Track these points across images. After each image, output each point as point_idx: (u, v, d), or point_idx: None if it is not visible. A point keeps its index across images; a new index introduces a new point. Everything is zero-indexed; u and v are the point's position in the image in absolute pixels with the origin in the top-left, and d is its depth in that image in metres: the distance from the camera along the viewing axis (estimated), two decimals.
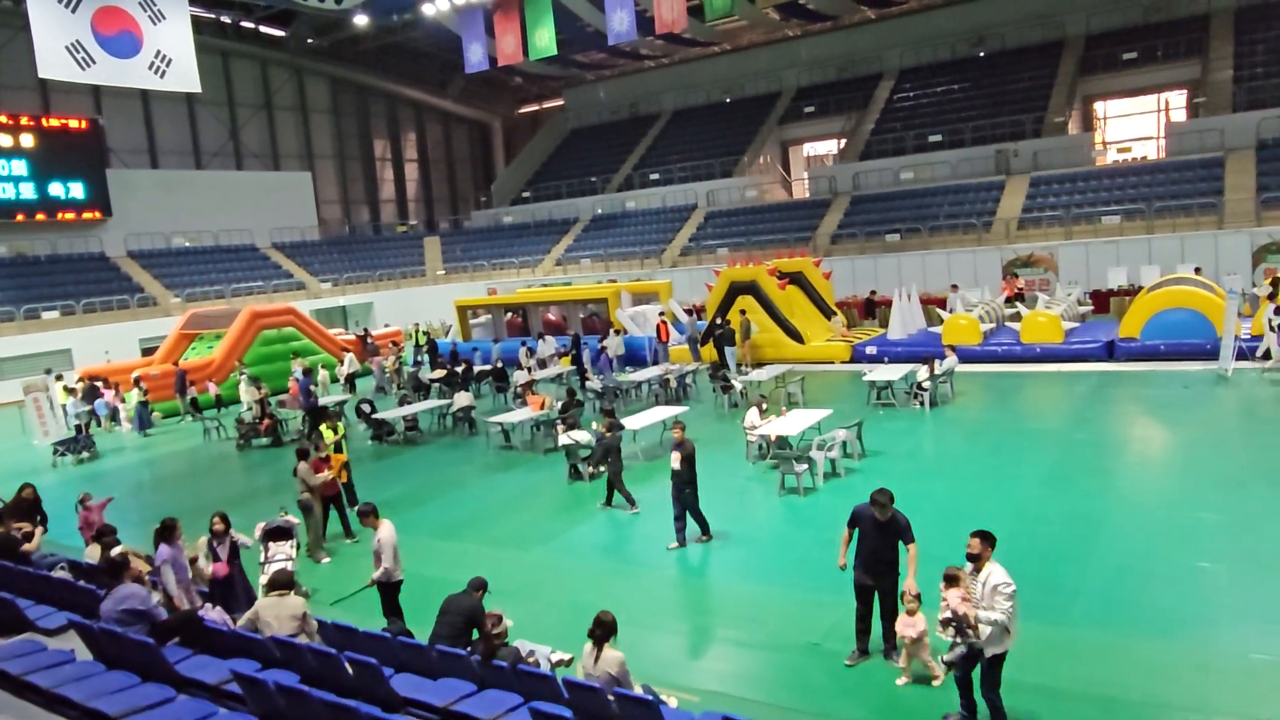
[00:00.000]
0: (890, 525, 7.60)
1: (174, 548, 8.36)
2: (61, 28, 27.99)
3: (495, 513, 13.04)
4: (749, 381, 19.22)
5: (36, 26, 27.49)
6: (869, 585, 7.71)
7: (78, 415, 20.99)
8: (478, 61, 41.79)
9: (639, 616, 8.80)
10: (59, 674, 6.09)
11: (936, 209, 34.55)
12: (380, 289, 42.68)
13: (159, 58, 30.48)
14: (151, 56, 30.30)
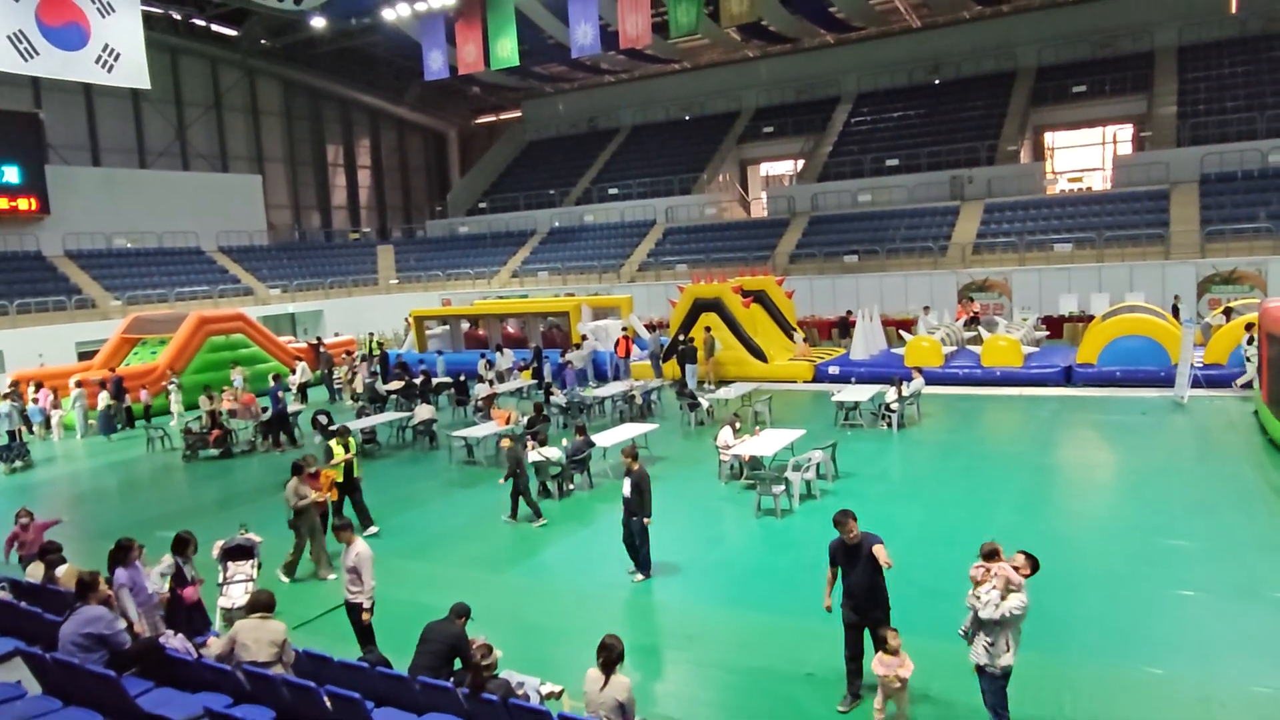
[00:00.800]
0: (861, 547, 7.23)
1: (131, 569, 7.81)
2: (5, 17, 26.83)
3: (463, 531, 12.61)
4: (715, 399, 19.05)
5: None
6: (857, 621, 7.35)
7: (9, 420, 19.88)
8: (438, 69, 41.29)
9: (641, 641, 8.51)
10: (9, 711, 5.56)
11: (894, 232, 34.99)
12: (331, 296, 41.68)
13: (107, 51, 29.44)
14: (99, 50, 29.23)
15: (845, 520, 7.27)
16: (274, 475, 16.99)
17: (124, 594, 7.56)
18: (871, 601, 7.26)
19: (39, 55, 27.68)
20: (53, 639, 7.61)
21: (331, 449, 12.52)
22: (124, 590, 7.58)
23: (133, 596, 7.66)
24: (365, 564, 8.51)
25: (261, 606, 6.82)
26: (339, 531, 8.85)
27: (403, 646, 8.05)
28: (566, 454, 13.81)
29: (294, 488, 11.04)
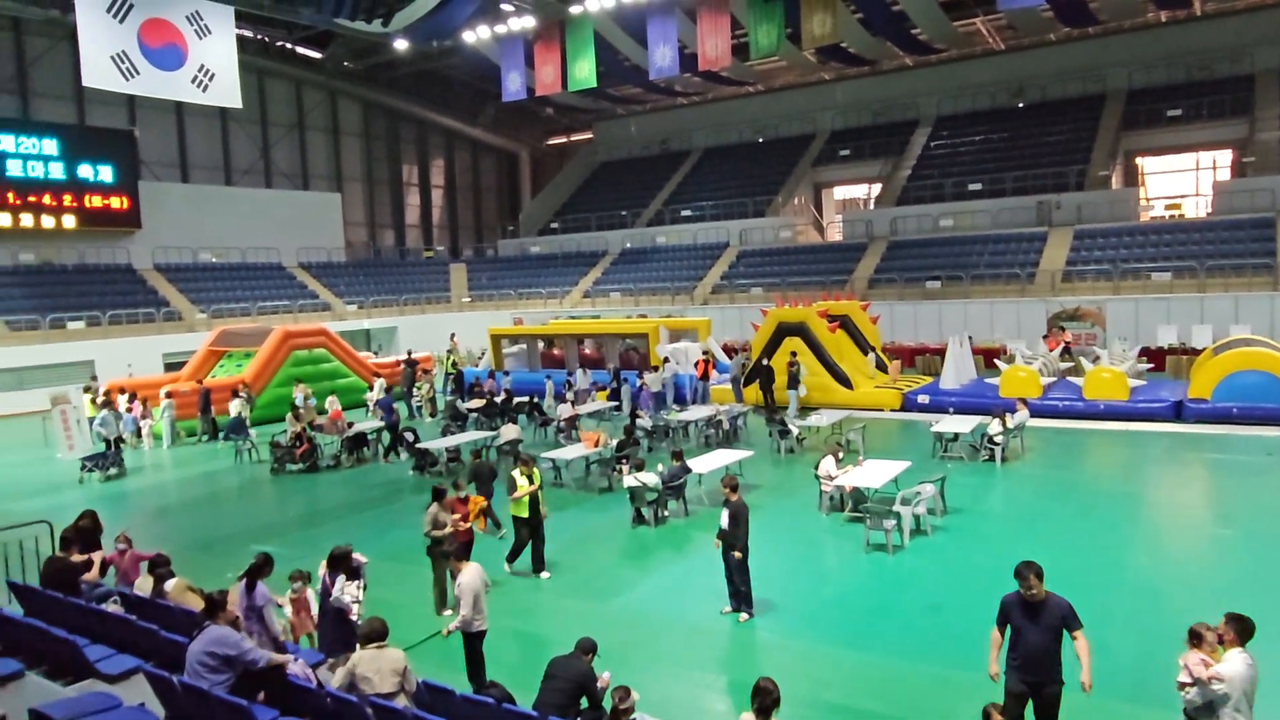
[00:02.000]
0: (1047, 609, 6.31)
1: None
2: (108, 38, 27.79)
3: (561, 558, 12.24)
4: (806, 427, 18.49)
5: (84, 35, 27.28)
6: (1025, 691, 6.34)
7: (105, 427, 20.20)
8: (515, 90, 41.71)
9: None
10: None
11: (977, 257, 34.03)
12: (405, 313, 42.16)
13: (202, 72, 30.30)
14: (195, 70, 30.11)
15: (1027, 574, 6.31)
16: (360, 491, 16.98)
17: (270, 611, 7.53)
18: (1048, 671, 6.32)
19: (139, 75, 28.59)
20: (169, 655, 7.46)
21: (514, 479, 11.27)
22: (270, 607, 7.66)
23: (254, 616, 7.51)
24: (467, 593, 8.23)
25: (377, 636, 6.53)
26: (447, 559, 8.58)
27: (511, 677, 7.73)
28: (662, 479, 13.40)
29: (433, 514, 10.26)
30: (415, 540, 13.34)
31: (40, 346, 30.07)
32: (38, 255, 35.02)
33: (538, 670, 6.91)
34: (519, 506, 11.19)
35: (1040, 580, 6.32)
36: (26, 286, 33.10)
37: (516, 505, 11.21)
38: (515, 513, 11.27)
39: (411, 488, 16.97)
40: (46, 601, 8.47)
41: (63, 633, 6.76)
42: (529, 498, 11.15)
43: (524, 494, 11.11)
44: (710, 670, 8.78)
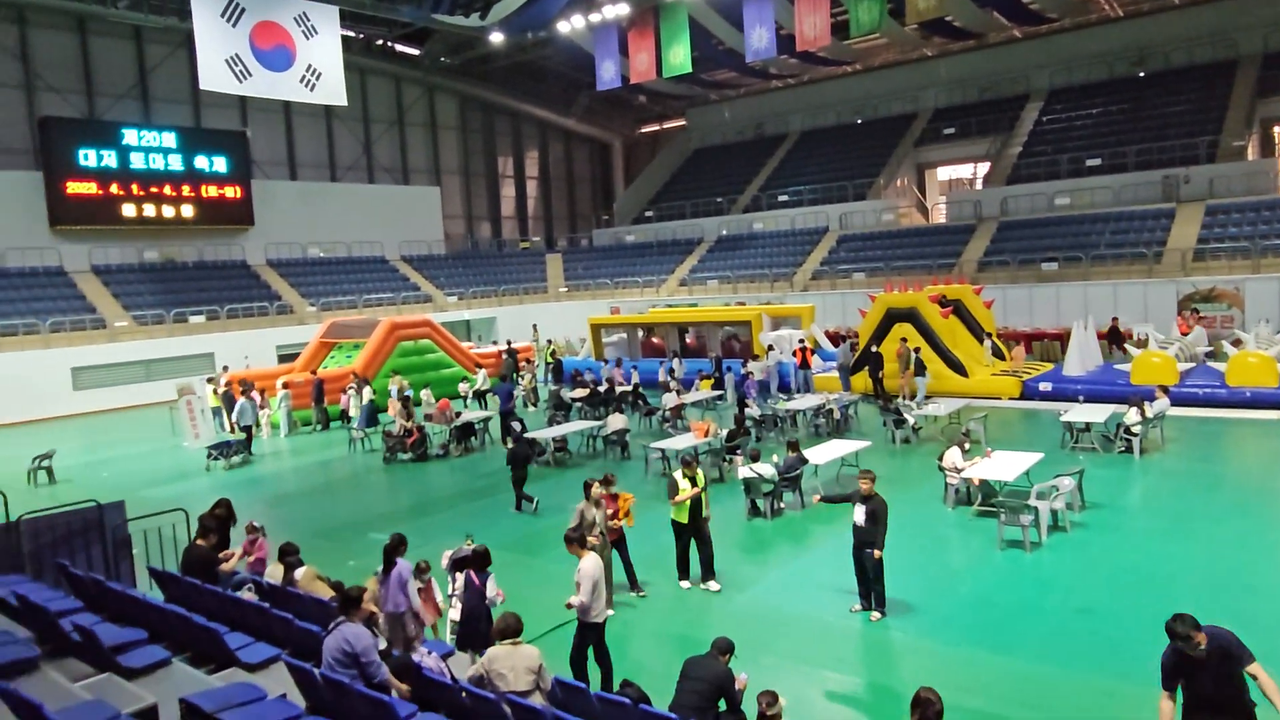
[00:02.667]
0: (1218, 658, 5.24)
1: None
2: (223, 42, 28.83)
3: (664, 551, 11.96)
4: (923, 417, 17.75)
5: (200, 40, 28.36)
6: None
7: (242, 416, 20.93)
8: (610, 79, 41.65)
9: (899, 689, 7.61)
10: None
11: (1097, 237, 32.24)
12: (504, 304, 42.66)
13: (310, 71, 31.15)
14: (303, 70, 30.99)
15: (1185, 631, 5.24)
16: (469, 480, 17.08)
17: (411, 587, 7.80)
18: (1232, 711, 5.31)
19: (251, 77, 29.59)
20: (303, 644, 7.48)
21: (675, 481, 10.44)
22: (408, 578, 7.87)
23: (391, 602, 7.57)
24: (586, 580, 8.02)
25: (511, 632, 6.36)
26: (569, 544, 8.39)
27: (636, 670, 7.50)
28: (778, 470, 12.99)
29: (581, 511, 9.72)
30: (526, 530, 13.38)
31: (165, 340, 31.53)
32: (161, 253, 36.74)
33: (657, 667, 6.64)
34: (679, 511, 10.36)
35: (1199, 629, 5.29)
36: (151, 283, 34.77)
37: (677, 510, 10.36)
38: (675, 518, 10.43)
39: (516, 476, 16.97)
40: (186, 588, 8.65)
41: (205, 621, 6.83)
42: (689, 502, 10.28)
43: (685, 498, 10.22)
44: (845, 672, 8.35)
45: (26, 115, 35.34)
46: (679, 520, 10.39)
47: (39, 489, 18.22)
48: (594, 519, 9.68)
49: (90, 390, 29.45)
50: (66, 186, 33.67)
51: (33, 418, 27.98)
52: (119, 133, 35.18)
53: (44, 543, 8.86)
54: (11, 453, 23.12)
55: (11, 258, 32.34)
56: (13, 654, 5.91)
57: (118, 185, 34.78)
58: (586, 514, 9.73)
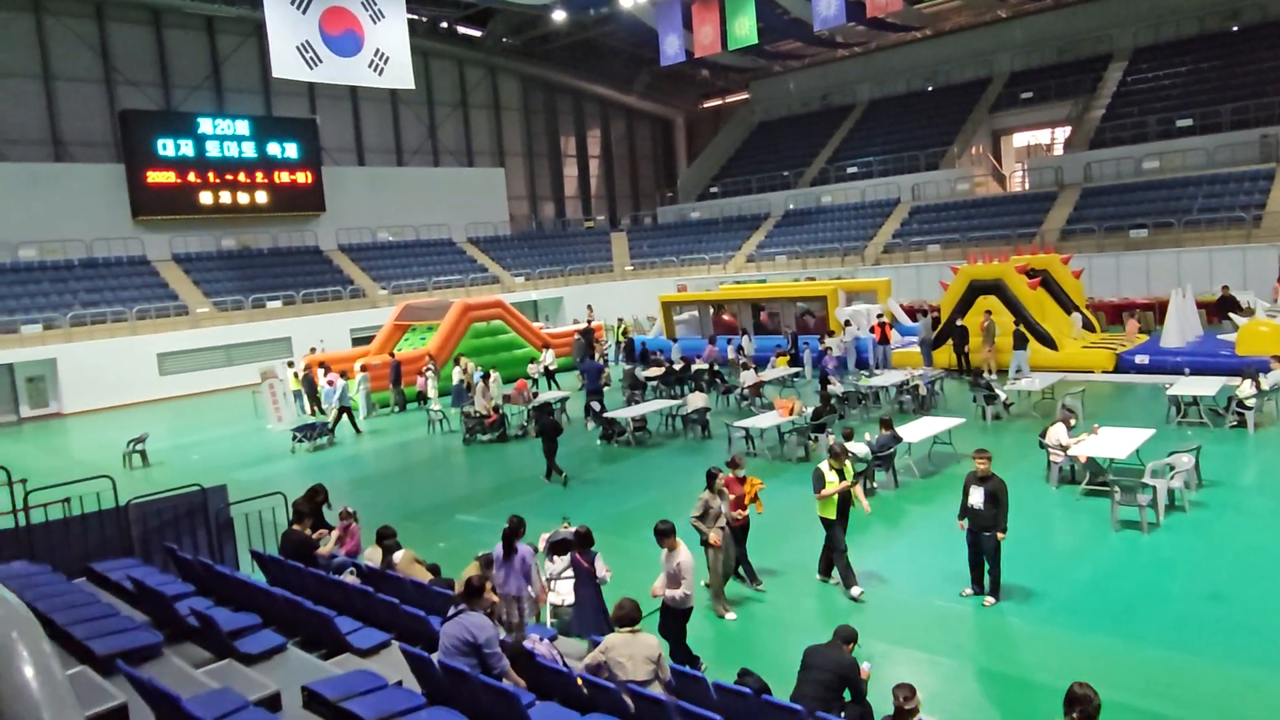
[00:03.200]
0: None
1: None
2: (293, 29, 29.06)
3: (773, 532, 11.68)
4: (1014, 392, 17.10)
5: (272, 29, 28.61)
6: None
7: (335, 398, 21.31)
8: (673, 54, 41.01)
9: (1026, 678, 7.24)
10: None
11: (1189, 201, 30.72)
12: (570, 284, 42.62)
13: (378, 55, 31.26)
14: (371, 54, 31.10)
15: None
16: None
17: (534, 571, 7.84)
18: None
19: (322, 63, 29.79)
20: (410, 629, 7.43)
21: (822, 474, 9.53)
22: (532, 563, 7.87)
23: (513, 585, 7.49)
24: (688, 574, 7.82)
25: (629, 619, 6.17)
26: (662, 537, 8.10)
27: (734, 661, 7.27)
28: (871, 449, 12.59)
29: (706, 501, 9.12)
30: (614, 510, 13.21)
31: (244, 325, 32.24)
32: (238, 240, 37.54)
33: (772, 658, 6.39)
34: (826, 506, 9.54)
35: None
36: (229, 269, 35.57)
37: (824, 505, 9.55)
38: (823, 514, 9.59)
39: (600, 456, 16.88)
40: (288, 571, 8.69)
41: (316, 607, 6.79)
42: (837, 496, 9.49)
43: (833, 492, 9.43)
44: (964, 660, 7.99)
45: (108, 109, 36.33)
46: (826, 516, 9.60)
47: (134, 472, 18.75)
48: (719, 510, 9.13)
49: (174, 375, 30.29)
50: (147, 177, 34.55)
51: (121, 403, 28.91)
52: (195, 122, 35.95)
53: (151, 526, 9.00)
54: (105, 437, 23.90)
55: (98, 248, 33.35)
56: (137, 640, 5.94)
57: (195, 174, 35.57)
58: (712, 504, 9.08)
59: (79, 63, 35.74)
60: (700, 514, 9.01)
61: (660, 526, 8.22)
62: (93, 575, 8.21)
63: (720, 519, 9.08)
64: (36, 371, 28.10)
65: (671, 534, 8.12)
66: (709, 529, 8.94)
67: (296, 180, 38.81)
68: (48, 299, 30.19)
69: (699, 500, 9.20)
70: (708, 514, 9.01)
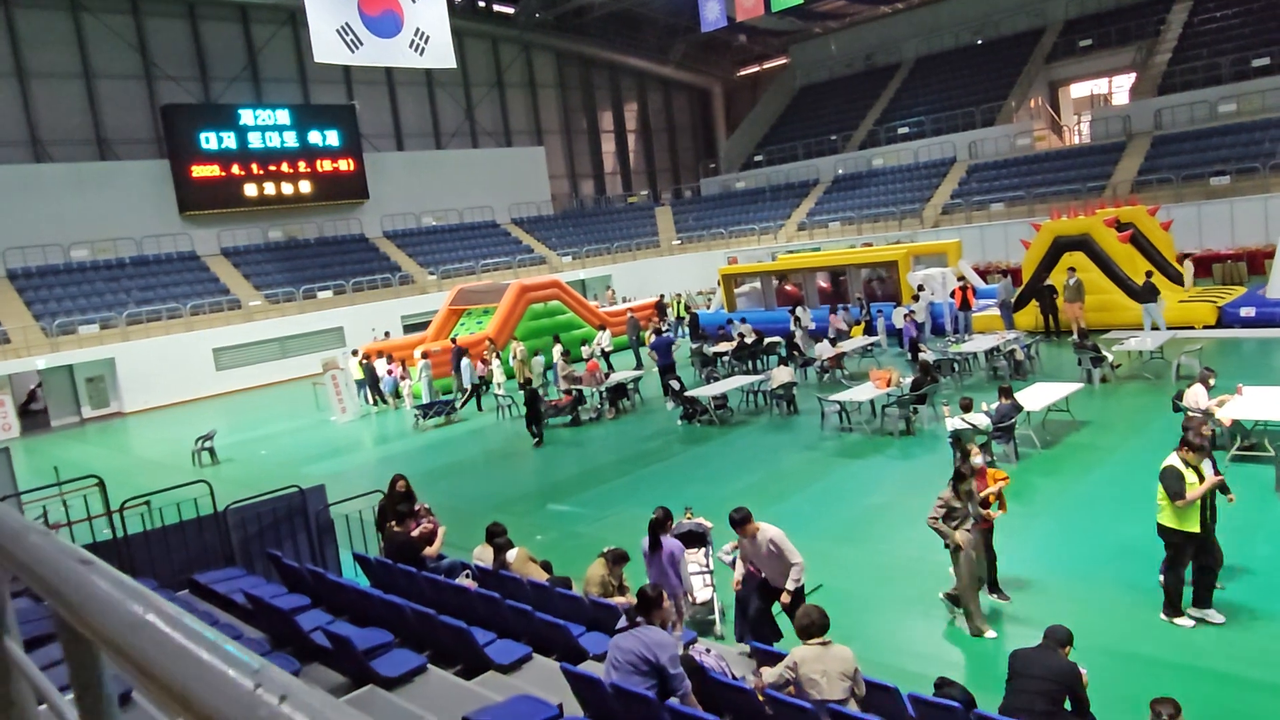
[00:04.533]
0: None
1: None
2: (333, 12, 28.46)
3: (891, 512, 10.91)
4: (1123, 353, 16.07)
5: (311, 12, 28.04)
6: None
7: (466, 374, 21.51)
8: (714, 20, 39.86)
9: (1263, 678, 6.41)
10: None
11: (1271, 145, 29.08)
12: (618, 260, 41.85)
13: (418, 35, 30.61)
14: (411, 34, 30.45)
15: None
16: (632, 444, 16.21)
17: (684, 567, 7.20)
18: None
19: (363, 45, 29.20)
20: (547, 639, 6.78)
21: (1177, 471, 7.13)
22: (681, 559, 7.22)
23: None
24: (785, 541, 7.08)
25: (818, 629, 5.44)
26: (739, 525, 7.21)
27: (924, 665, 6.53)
28: (991, 420, 11.73)
29: (946, 500, 7.72)
30: (717, 496, 12.47)
31: (296, 317, 31.94)
32: (284, 231, 37.23)
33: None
34: (1186, 517, 7.11)
35: None
36: (278, 261, 35.30)
37: (1182, 516, 7.12)
38: (1179, 525, 7.14)
39: (682, 437, 16.16)
40: (398, 576, 8.10)
41: (451, 619, 6.16)
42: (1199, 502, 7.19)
43: (1198, 495, 7.09)
44: (1181, 662, 7.12)
45: (148, 104, 36.10)
46: (1185, 529, 7.14)
47: (204, 469, 18.41)
48: (969, 510, 7.75)
49: (231, 370, 30.10)
50: (191, 171, 34.28)
51: (181, 399, 28.79)
52: (236, 114, 35.57)
53: (251, 532, 8.46)
54: (169, 434, 23.71)
55: (148, 245, 33.20)
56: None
57: (238, 166, 35.24)
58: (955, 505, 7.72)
59: (118, 60, 35.50)
60: (943, 514, 7.72)
61: (735, 515, 7.28)
62: (196, 588, 7.68)
63: (969, 521, 7.72)
64: (96, 372, 28.03)
65: (749, 519, 7.28)
66: (955, 530, 7.63)
67: (339, 168, 38.36)
68: (102, 298, 30.10)
69: (937, 500, 7.78)
70: (950, 515, 7.72)
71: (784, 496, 11.90)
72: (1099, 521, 9.54)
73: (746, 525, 7.24)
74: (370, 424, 21.80)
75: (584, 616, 7.44)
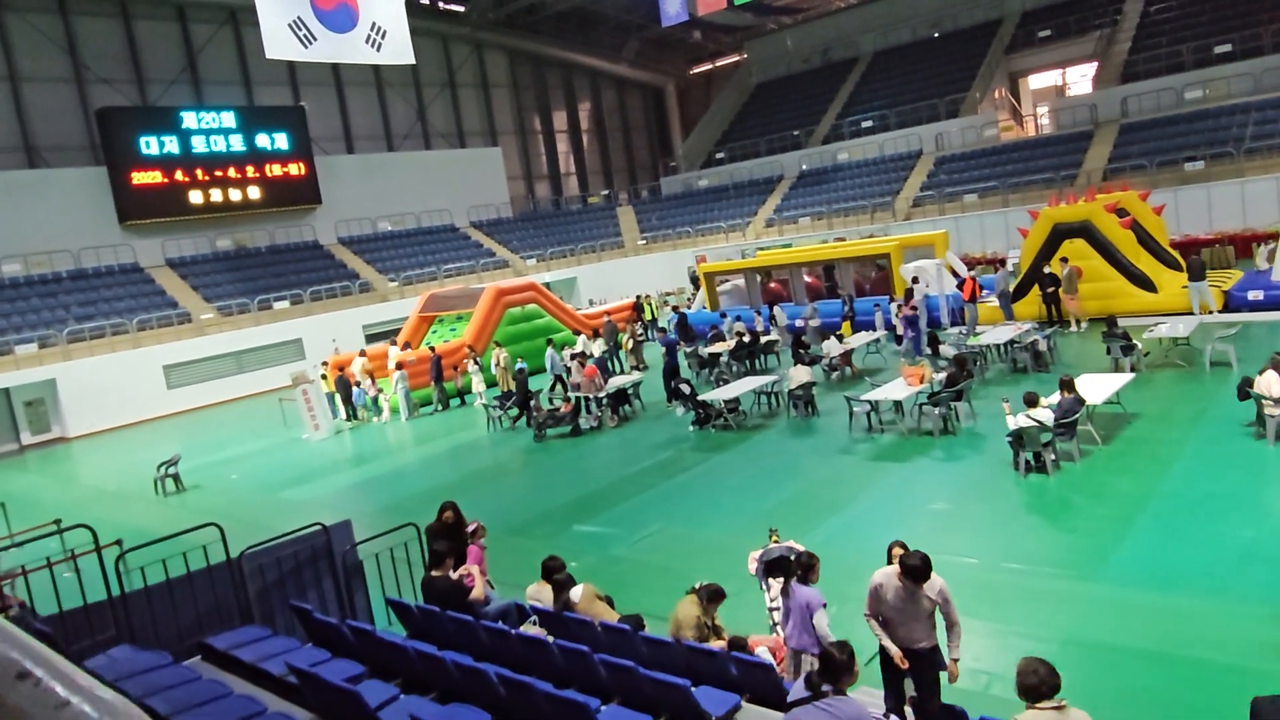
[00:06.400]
0: None
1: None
2: (284, 5, 26.86)
3: (962, 521, 10.03)
4: (1154, 340, 15.51)
5: (261, 6, 26.40)
6: None
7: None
8: (675, 14, 39.16)
9: None
10: None
11: (1240, 130, 29.23)
12: (583, 262, 40.67)
13: (375, 30, 29.12)
14: (368, 29, 28.96)
15: None
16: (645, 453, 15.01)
17: (821, 618, 5.86)
18: None
19: (317, 41, 27.64)
20: (645, 696, 5.68)
21: None
22: (819, 609, 5.90)
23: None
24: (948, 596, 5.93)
25: (1049, 689, 4.36)
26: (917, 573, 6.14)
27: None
28: (1054, 415, 10.94)
29: None
30: (758, 509, 11.45)
31: (252, 330, 30.11)
32: (233, 240, 35.26)
33: None
34: None
35: None
36: (228, 271, 33.36)
37: None
38: None
39: (698, 445, 15.10)
40: (448, 626, 6.91)
41: (555, 690, 5.03)
42: None
43: None
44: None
45: (80, 109, 33.84)
46: None
47: (169, 498, 16.84)
48: None
49: (183, 388, 28.20)
50: (131, 178, 32.15)
51: (130, 421, 26.84)
52: (178, 117, 33.53)
53: (270, 581, 7.16)
54: (121, 460, 21.92)
55: (87, 258, 31.03)
56: None
57: (182, 172, 33.20)
58: None
59: (46, 62, 33.20)
60: None
61: (914, 561, 5.52)
62: (211, 654, 6.39)
63: None
64: (35, 394, 25.93)
65: (929, 566, 5.99)
66: None
67: (289, 172, 36.49)
68: (39, 315, 27.92)
69: None
70: None
71: (836, 507, 10.95)
72: (1208, 524, 8.75)
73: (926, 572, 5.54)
74: (346, 441, 20.32)
75: (678, 666, 6.37)
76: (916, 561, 5.47)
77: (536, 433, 16.97)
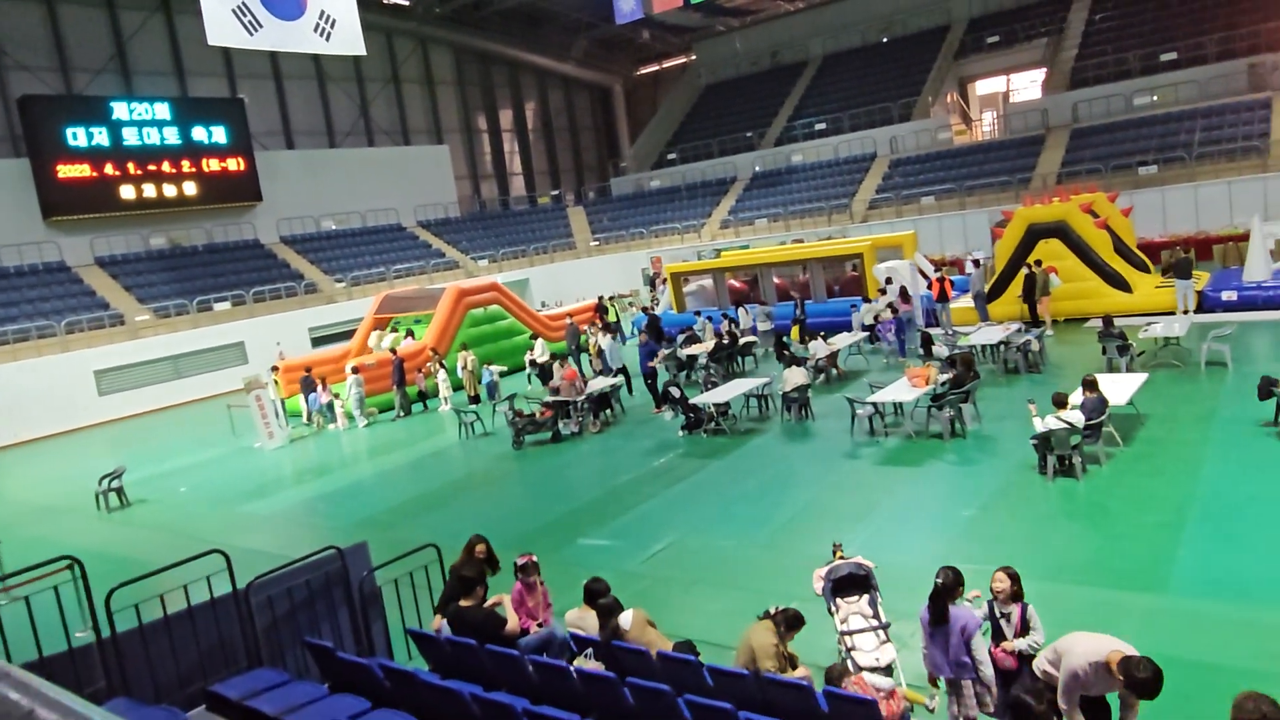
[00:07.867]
0: None
1: None
2: None
3: (996, 529, 9.56)
4: (1147, 341, 15.41)
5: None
6: None
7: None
8: (629, 11, 38.54)
9: None
10: None
11: (1188, 135, 29.90)
12: (535, 263, 39.71)
13: (324, 19, 27.81)
14: (316, 17, 27.64)
15: None
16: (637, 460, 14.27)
17: (979, 643, 5.14)
18: None
19: (262, 28, 26.24)
20: None
21: None
22: (976, 634, 5.21)
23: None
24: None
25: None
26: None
27: None
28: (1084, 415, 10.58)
29: None
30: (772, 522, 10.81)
31: (190, 333, 28.42)
32: (168, 238, 33.39)
33: None
34: None
35: None
36: (163, 271, 31.53)
37: None
38: None
39: (691, 450, 14.42)
40: (488, 662, 6.10)
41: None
42: None
43: None
44: None
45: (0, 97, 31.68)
46: None
47: (113, 514, 15.49)
48: None
49: (117, 394, 26.44)
50: (57, 171, 30.14)
51: (58, 430, 25.04)
52: (108, 107, 31.57)
53: (280, 614, 6.24)
54: (52, 471, 20.34)
55: (7, 255, 28.93)
56: None
57: (113, 165, 31.28)
58: None
59: None
60: None
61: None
62: (219, 704, 5.47)
63: None
64: None
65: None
66: None
67: (227, 168, 34.75)
68: None
69: None
70: None
71: (861, 516, 10.39)
72: (1263, 529, 8.42)
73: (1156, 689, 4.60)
74: (305, 449, 19.09)
75: (754, 703, 5.68)
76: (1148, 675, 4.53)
77: (515, 439, 16.09)
